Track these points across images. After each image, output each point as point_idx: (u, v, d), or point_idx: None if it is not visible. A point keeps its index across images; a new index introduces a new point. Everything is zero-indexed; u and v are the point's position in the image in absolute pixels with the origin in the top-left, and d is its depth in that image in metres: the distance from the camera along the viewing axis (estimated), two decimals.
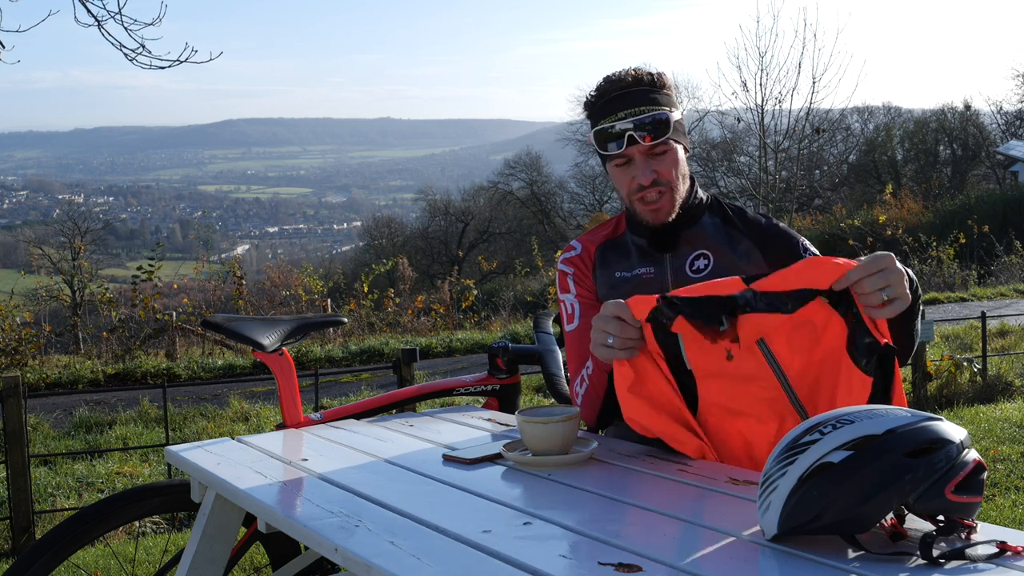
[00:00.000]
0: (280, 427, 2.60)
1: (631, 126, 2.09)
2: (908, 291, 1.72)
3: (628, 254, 2.25)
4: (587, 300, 2.27)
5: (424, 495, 1.72)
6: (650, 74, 2.15)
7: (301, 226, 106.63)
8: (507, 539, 1.45)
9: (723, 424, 1.85)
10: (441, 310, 12.30)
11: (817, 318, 1.75)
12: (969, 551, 1.29)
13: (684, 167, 2.19)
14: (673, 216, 2.17)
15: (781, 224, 2.25)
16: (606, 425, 2.22)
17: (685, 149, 2.20)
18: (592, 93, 2.19)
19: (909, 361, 1.89)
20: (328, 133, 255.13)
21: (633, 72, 2.15)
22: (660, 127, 2.10)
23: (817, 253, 2.17)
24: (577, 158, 35.13)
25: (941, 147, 32.42)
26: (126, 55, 6.13)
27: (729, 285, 1.77)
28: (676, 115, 2.14)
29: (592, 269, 2.29)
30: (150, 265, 10.93)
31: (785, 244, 2.19)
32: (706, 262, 2.18)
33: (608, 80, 2.17)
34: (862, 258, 1.73)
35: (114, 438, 6.51)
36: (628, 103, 2.11)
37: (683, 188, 2.19)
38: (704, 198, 2.25)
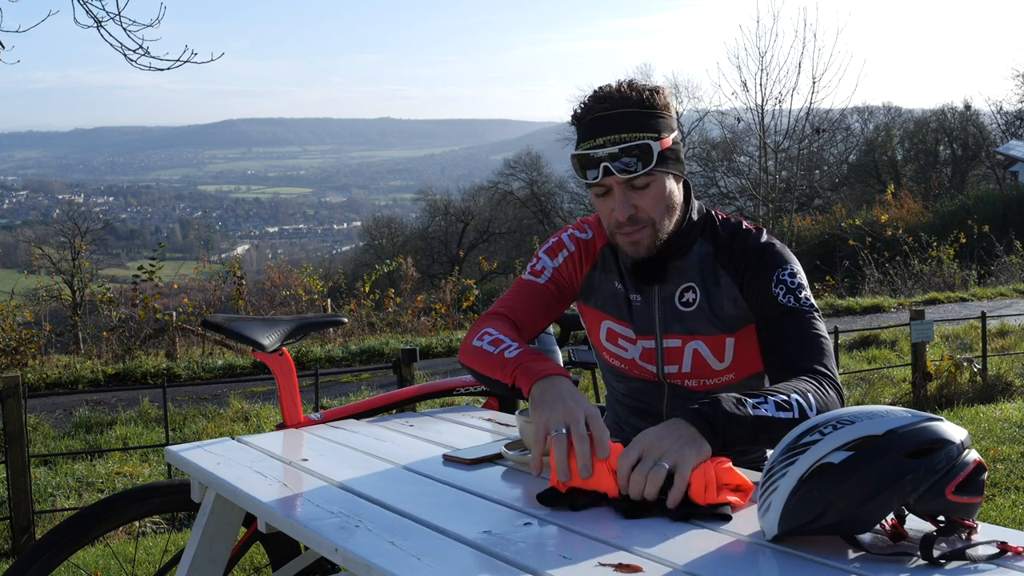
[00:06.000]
0: (280, 427, 2.59)
1: (611, 154, 1.83)
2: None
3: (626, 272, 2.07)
4: (562, 282, 2.10)
5: (424, 495, 1.72)
6: (640, 92, 1.87)
7: (301, 226, 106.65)
8: (507, 539, 1.45)
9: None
10: (442, 310, 12.29)
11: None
12: (969, 551, 1.29)
13: (673, 198, 1.94)
14: (654, 251, 1.96)
15: (770, 250, 1.96)
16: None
17: (677, 176, 1.95)
18: (580, 106, 1.91)
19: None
20: (328, 133, 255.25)
21: (622, 89, 1.88)
22: (642, 159, 1.84)
23: (790, 284, 1.90)
24: None
25: (941, 147, 32.44)
26: (126, 56, 6.14)
27: None
28: (666, 140, 1.87)
29: (592, 265, 2.11)
30: (151, 265, 10.91)
31: (759, 283, 1.92)
32: (694, 296, 2.00)
33: (596, 96, 1.89)
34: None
35: (114, 438, 6.51)
36: (610, 128, 1.84)
37: (668, 222, 1.94)
38: (698, 220, 2.02)
